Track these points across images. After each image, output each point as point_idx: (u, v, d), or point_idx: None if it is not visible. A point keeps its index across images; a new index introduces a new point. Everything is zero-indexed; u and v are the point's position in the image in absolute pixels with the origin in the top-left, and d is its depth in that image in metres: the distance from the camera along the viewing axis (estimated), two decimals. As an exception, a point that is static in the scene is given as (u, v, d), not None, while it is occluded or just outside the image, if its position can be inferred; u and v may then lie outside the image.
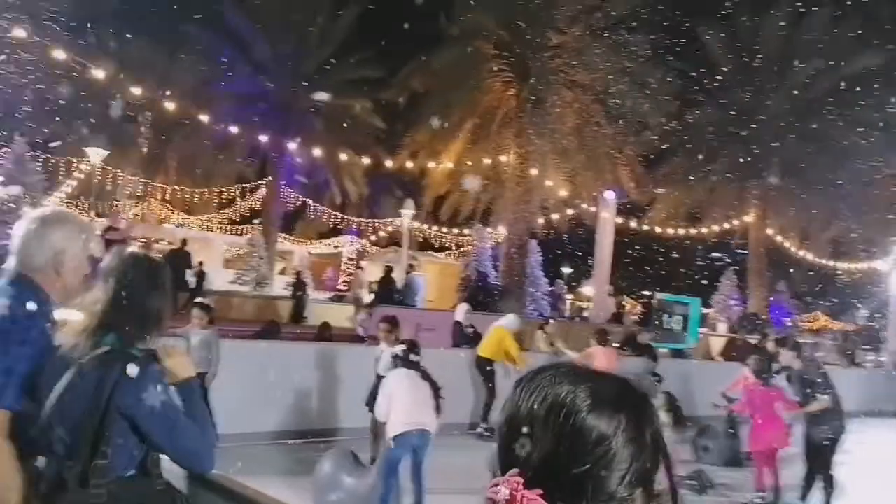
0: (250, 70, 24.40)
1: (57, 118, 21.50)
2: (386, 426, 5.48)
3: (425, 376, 5.60)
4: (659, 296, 18.68)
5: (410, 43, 21.19)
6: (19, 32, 14.04)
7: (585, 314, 27.04)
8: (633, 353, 12.62)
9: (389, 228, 29.79)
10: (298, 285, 19.07)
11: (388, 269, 18.70)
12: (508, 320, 10.41)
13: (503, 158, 20.67)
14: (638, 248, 27.19)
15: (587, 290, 30.75)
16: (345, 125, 25.01)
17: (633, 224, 25.13)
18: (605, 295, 22.88)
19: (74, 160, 22.83)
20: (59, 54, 15.82)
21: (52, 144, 21.82)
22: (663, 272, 30.26)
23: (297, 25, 24.30)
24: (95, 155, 20.56)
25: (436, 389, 5.54)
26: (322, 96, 22.77)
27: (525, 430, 0.92)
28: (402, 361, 5.63)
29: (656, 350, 12.98)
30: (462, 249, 28.27)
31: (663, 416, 5.23)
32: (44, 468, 2.08)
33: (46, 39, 15.27)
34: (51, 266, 2.28)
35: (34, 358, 2.12)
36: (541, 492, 0.88)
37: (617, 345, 14.14)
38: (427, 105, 20.52)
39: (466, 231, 25.44)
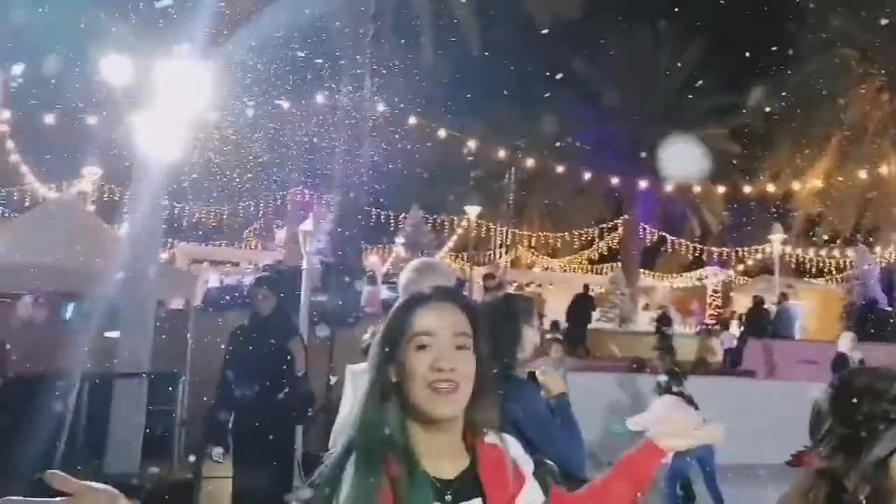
0: (601, 117, 25.56)
1: (441, 184, 25.03)
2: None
3: (690, 402, 6.26)
4: None
5: (762, 64, 20.15)
6: (412, 120, 17.09)
7: None
8: None
9: (758, 256, 28.01)
10: (663, 320, 19.05)
11: (758, 300, 17.67)
12: None
13: (883, 170, 18.27)
14: None
15: None
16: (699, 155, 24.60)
17: None
18: None
19: (455, 219, 26.29)
20: (441, 133, 18.73)
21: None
22: None
23: (643, 66, 24.82)
24: (472, 212, 23.43)
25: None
26: None
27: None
28: (665, 390, 6.32)
29: None
30: (844, 273, 25.30)
31: None
32: None
33: (432, 123, 18.30)
34: None
35: None
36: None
37: None
38: (786, 124, 19.20)
39: (848, 252, 22.80)
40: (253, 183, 19.17)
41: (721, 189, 24.20)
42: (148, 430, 6.73)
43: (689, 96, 24.86)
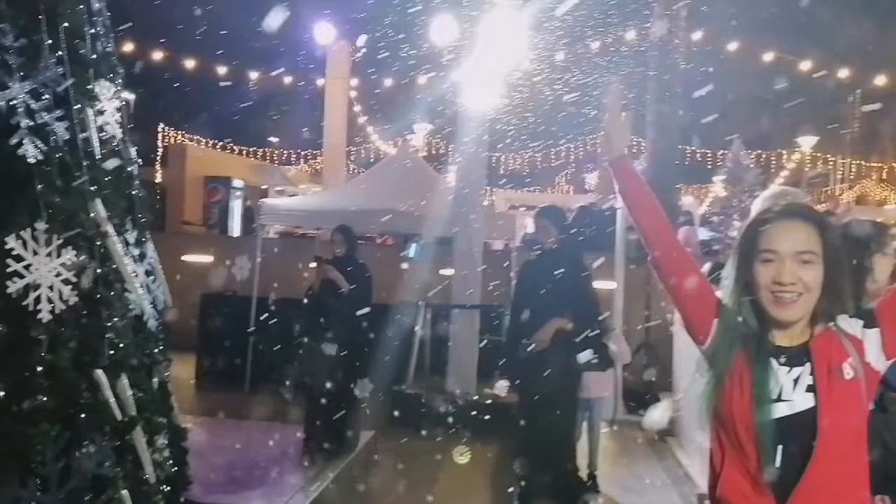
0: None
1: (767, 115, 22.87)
2: None
3: None
4: None
5: None
6: (733, 45, 15.78)
7: None
8: None
9: None
10: None
11: None
12: None
13: None
14: None
15: None
16: None
17: None
18: None
19: (784, 152, 23.88)
20: (768, 56, 17.04)
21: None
22: None
23: None
24: (806, 143, 21.09)
25: None
26: None
27: None
28: None
29: None
30: None
31: None
32: None
33: (757, 46, 16.73)
34: None
35: None
36: None
37: None
38: None
39: None
40: (563, 128, 19.53)
41: None
42: (480, 356, 7.45)
43: None
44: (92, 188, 2.73)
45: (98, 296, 2.67)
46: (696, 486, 5.42)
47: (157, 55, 17.58)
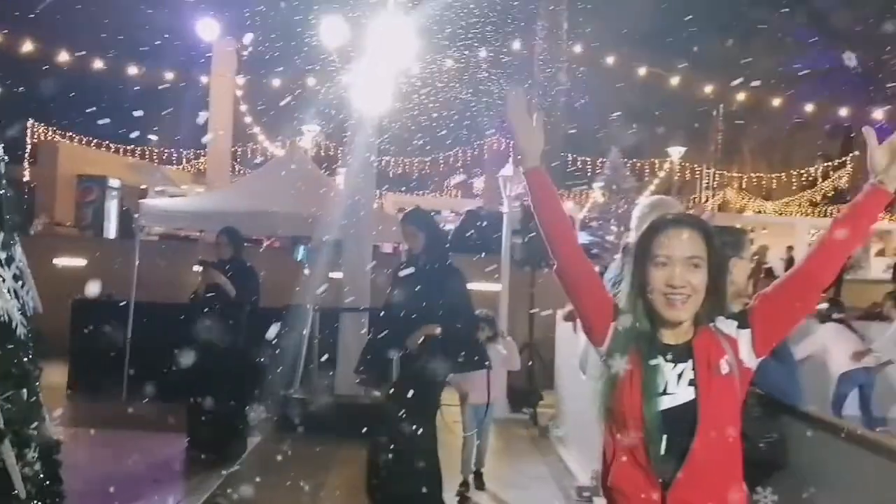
0: (828, 42, 23.03)
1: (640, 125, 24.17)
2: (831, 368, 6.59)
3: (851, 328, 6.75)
4: None
5: None
6: (610, 59, 16.60)
7: None
8: None
9: None
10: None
11: None
12: None
13: None
14: None
15: None
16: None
17: None
18: None
19: (657, 161, 25.32)
20: (642, 70, 18.02)
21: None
22: None
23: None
24: (675, 153, 22.42)
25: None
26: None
27: None
28: (826, 317, 6.64)
29: None
30: None
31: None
32: None
33: (632, 61, 17.65)
34: None
35: None
36: None
37: None
38: None
39: None
40: (452, 133, 19.86)
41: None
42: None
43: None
44: (-45, 188, 2.57)
45: (-39, 302, 2.52)
46: (576, 480, 5.69)
47: (28, 47, 16.43)
